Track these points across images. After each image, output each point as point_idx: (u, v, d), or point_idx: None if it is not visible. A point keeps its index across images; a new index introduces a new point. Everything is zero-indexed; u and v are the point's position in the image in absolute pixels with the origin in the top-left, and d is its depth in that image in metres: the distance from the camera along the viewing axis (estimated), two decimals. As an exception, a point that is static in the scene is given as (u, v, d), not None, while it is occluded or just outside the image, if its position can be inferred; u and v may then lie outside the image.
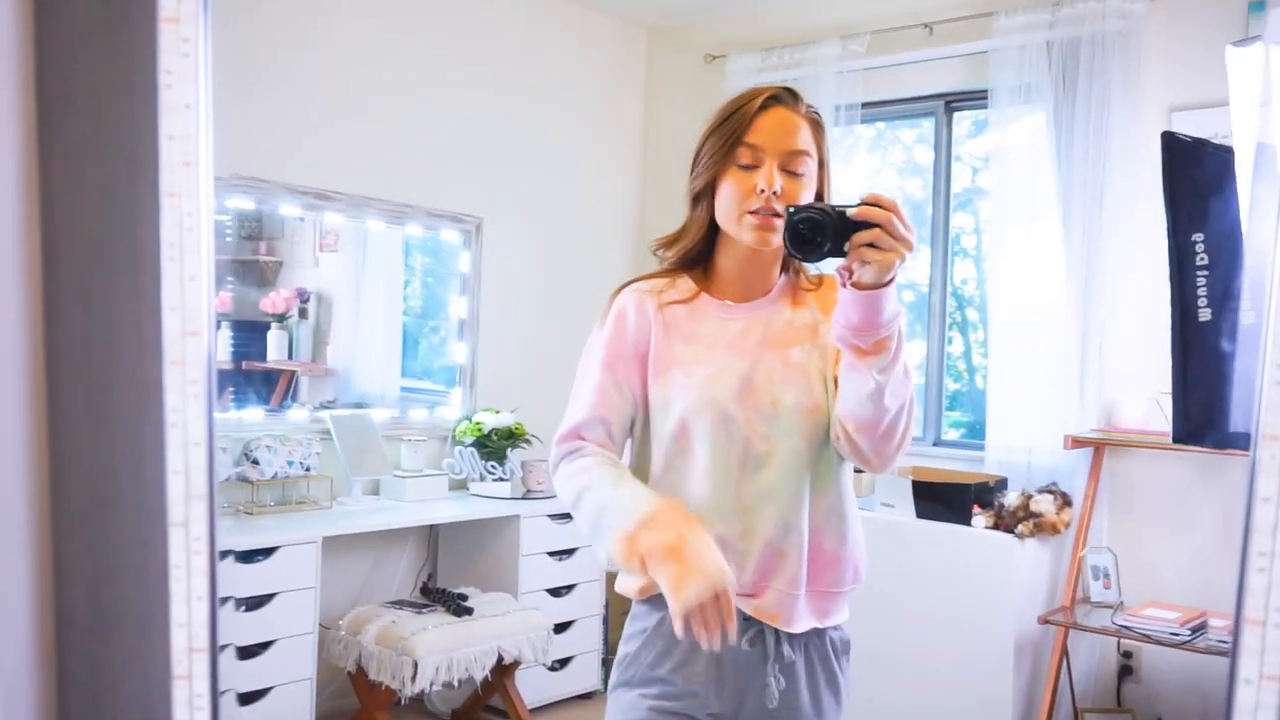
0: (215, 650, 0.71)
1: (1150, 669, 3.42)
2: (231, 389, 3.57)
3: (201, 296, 0.68)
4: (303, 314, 3.80)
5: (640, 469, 1.51)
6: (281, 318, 3.74)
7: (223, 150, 3.33)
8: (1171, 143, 2.41)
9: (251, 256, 3.68)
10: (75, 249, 0.68)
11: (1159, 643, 3.01)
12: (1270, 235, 0.58)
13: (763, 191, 1.42)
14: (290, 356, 3.76)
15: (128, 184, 0.67)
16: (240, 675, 2.94)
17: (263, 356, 3.70)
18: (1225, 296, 2.29)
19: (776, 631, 1.45)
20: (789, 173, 1.45)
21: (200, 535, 0.70)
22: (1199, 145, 2.39)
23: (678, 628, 1.22)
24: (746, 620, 1.43)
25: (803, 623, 1.46)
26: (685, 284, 1.53)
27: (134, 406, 0.68)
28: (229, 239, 3.55)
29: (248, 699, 2.97)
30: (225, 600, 2.92)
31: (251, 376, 3.67)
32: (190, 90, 0.67)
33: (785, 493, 1.45)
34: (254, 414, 3.55)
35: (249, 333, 3.70)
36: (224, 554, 2.91)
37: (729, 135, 1.46)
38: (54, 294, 0.68)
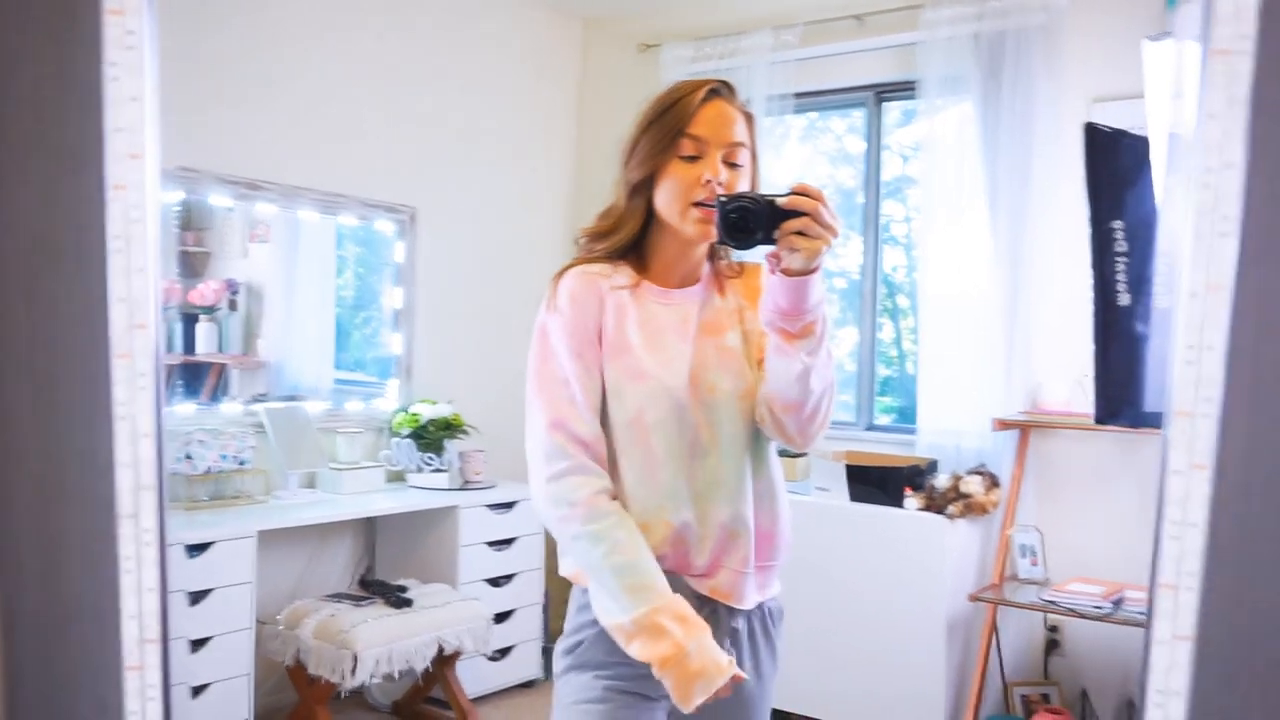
0: (167, 641, 0.72)
1: (1075, 642, 3.54)
2: (177, 383, 3.51)
3: (149, 289, 0.68)
4: (232, 306, 3.75)
5: None
6: (211, 310, 3.68)
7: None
8: (1093, 133, 2.49)
9: (179, 247, 3.61)
10: (19, 243, 0.68)
11: (1083, 616, 3.12)
12: (1181, 223, 0.62)
13: (708, 182, 1.45)
14: (220, 349, 3.70)
15: (73, 177, 0.67)
16: (181, 670, 2.91)
17: (192, 349, 3.64)
18: (1142, 281, 2.38)
19: (728, 608, 1.50)
20: (730, 164, 1.48)
21: (150, 527, 0.70)
22: (1119, 136, 2.48)
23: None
24: (701, 599, 1.48)
25: (751, 598, 1.52)
26: (626, 271, 1.54)
27: (82, 400, 0.68)
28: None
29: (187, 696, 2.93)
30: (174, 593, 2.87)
31: (181, 370, 3.61)
32: (136, 83, 0.67)
33: (732, 477, 1.49)
34: (185, 408, 3.50)
35: (178, 326, 3.64)
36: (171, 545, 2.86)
37: (671, 127, 1.47)
38: (-2, 289, 0.68)
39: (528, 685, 4.00)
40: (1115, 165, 2.43)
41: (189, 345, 3.63)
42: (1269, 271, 0.61)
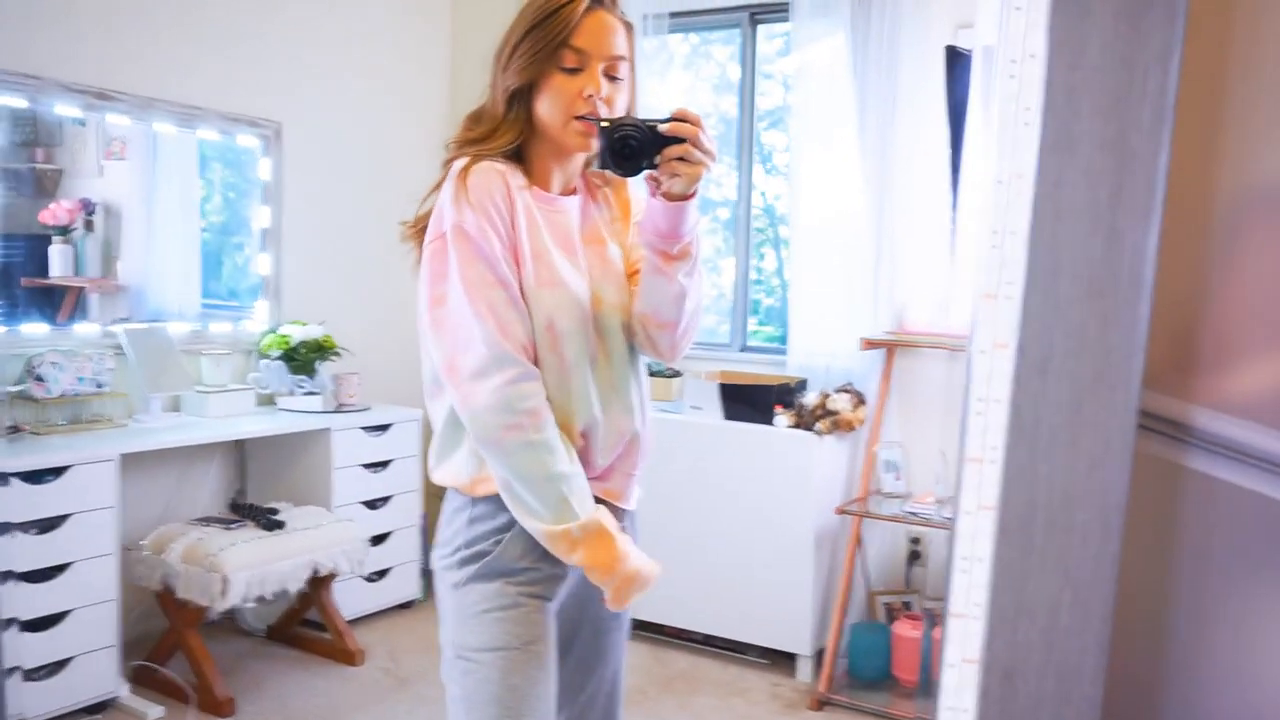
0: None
1: (935, 553, 3.71)
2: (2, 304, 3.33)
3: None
4: (89, 227, 3.58)
5: None
6: (65, 231, 3.51)
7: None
8: (952, 55, 2.57)
9: (26, 164, 3.42)
10: None
11: (942, 526, 3.27)
12: (987, 115, 0.65)
13: (590, 96, 1.44)
14: (77, 272, 3.54)
15: None
16: (36, 601, 2.82)
17: (44, 272, 3.47)
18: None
19: (617, 508, 1.55)
20: (610, 77, 1.47)
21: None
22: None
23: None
24: (597, 501, 1.50)
25: (633, 499, 1.59)
26: (518, 173, 1.50)
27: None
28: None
29: (45, 624, 2.85)
30: (7, 528, 2.77)
31: (33, 294, 3.44)
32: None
33: (624, 384, 1.53)
34: (38, 329, 3.34)
35: (28, 247, 3.46)
36: (3, 476, 2.76)
37: (552, 37, 1.44)
38: None
39: (405, 606, 4.02)
40: (972, 86, 2.50)
41: (42, 268, 3.46)
42: (1065, 158, 0.65)
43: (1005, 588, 0.77)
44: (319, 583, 3.45)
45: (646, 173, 1.40)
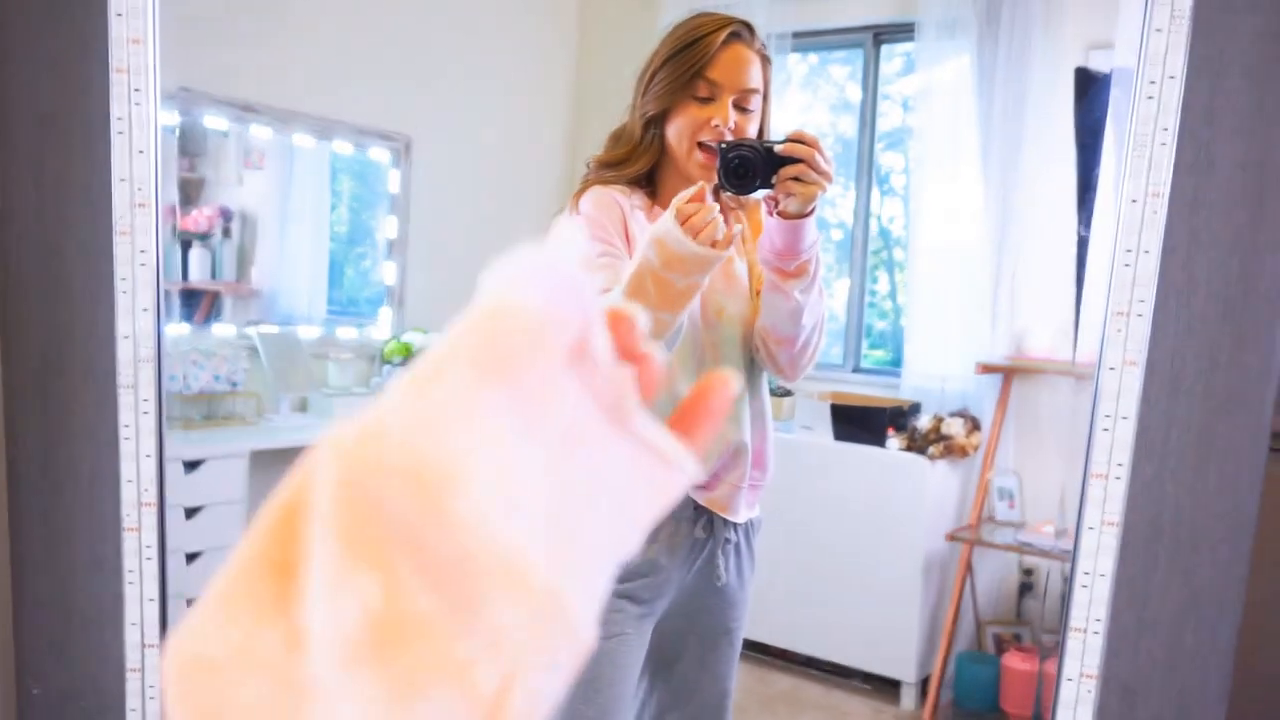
0: (164, 505, 0.76)
1: (1048, 584, 3.62)
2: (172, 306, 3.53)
3: (149, 169, 0.72)
4: (226, 233, 3.76)
5: None
6: (204, 237, 3.70)
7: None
8: (1083, 77, 2.53)
9: (175, 173, 3.62)
10: (26, 121, 0.72)
11: (1056, 558, 3.19)
12: (1122, 133, 0.65)
13: (717, 126, 1.50)
14: (214, 276, 3.72)
15: (79, 59, 0.70)
16: (178, 582, 2.97)
17: (185, 276, 3.66)
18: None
19: (724, 520, 1.58)
20: (741, 109, 1.52)
21: (149, 397, 0.75)
22: (1109, 80, 2.50)
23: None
24: (698, 509, 1.56)
25: (742, 514, 1.61)
26: (641, 197, 1.58)
27: (85, 274, 0.72)
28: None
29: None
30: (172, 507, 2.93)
31: (172, 296, 3.63)
32: (138, -30, 0.70)
33: (735, 398, 1.55)
34: (178, 329, 3.53)
35: (174, 250, 3.65)
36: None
37: (688, 67, 1.50)
38: (5, 165, 0.71)
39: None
40: (1104, 109, 2.46)
41: (183, 272, 3.65)
42: (1202, 179, 0.65)
43: (1127, 604, 0.78)
44: (431, 583, 3.54)
45: (764, 192, 1.43)
